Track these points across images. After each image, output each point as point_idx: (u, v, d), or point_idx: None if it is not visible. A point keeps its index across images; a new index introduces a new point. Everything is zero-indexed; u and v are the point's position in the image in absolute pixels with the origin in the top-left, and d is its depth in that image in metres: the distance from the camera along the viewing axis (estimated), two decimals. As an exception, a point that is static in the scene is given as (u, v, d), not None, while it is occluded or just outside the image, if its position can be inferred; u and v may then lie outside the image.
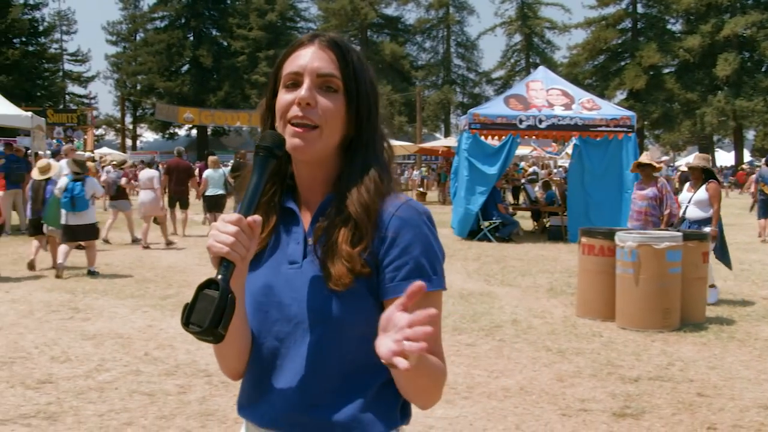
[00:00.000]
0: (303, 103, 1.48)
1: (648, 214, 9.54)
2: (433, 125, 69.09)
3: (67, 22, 76.62)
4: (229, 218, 1.40)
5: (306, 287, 1.50)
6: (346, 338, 1.49)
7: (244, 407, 1.60)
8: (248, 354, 1.57)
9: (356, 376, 1.51)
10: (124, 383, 5.66)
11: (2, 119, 17.50)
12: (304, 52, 1.53)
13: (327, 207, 1.54)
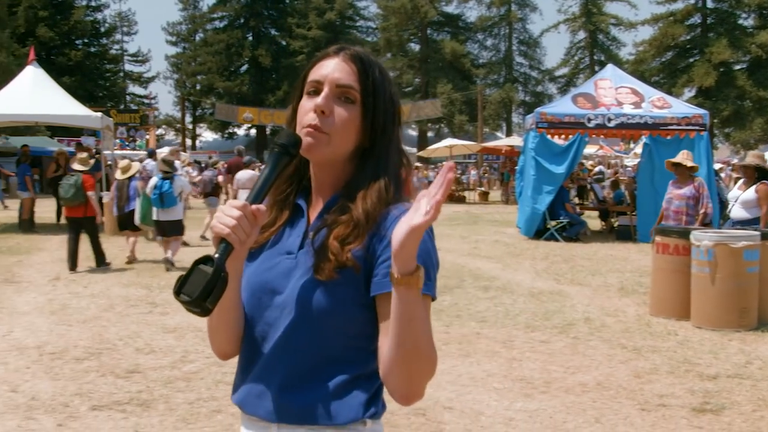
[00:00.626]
0: (318, 110, 1.59)
1: (685, 214, 9.52)
2: (495, 124, 68.80)
3: (127, 23, 78.31)
4: (234, 203, 1.51)
5: (295, 276, 1.61)
6: (322, 327, 1.57)
7: (234, 389, 1.70)
8: (239, 338, 1.67)
9: (327, 366, 1.58)
10: (209, 374, 5.94)
11: (74, 120, 18.12)
12: (327, 63, 1.66)
13: (332, 205, 1.65)
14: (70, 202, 11.33)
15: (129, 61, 78.68)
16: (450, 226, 19.54)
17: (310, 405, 1.58)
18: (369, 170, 1.65)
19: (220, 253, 1.48)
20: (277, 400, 1.59)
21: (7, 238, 16.00)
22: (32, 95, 17.45)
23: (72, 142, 43.51)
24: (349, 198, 1.62)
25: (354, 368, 1.59)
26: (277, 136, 1.62)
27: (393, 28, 68.61)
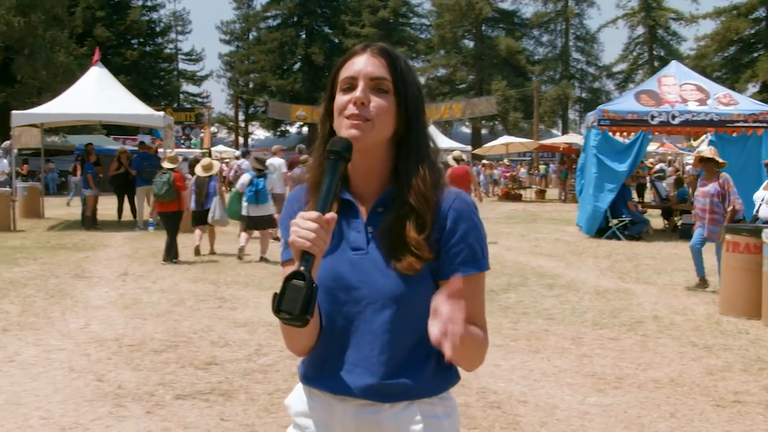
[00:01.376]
0: (358, 102, 1.72)
1: (711, 212, 9.43)
2: (550, 121, 68.44)
3: (181, 23, 79.62)
4: (309, 215, 1.61)
5: (373, 271, 1.74)
6: (414, 315, 1.73)
7: (313, 379, 1.84)
8: (317, 333, 1.79)
9: (422, 346, 1.73)
10: (284, 366, 6.15)
11: (138, 119, 18.63)
12: (358, 60, 1.78)
13: (386, 199, 1.79)
14: (163, 198, 12.11)
15: (183, 60, 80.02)
16: (508, 224, 19.60)
17: (417, 383, 1.76)
18: (413, 156, 1.79)
19: (306, 266, 1.58)
20: (388, 385, 1.75)
21: (71, 234, 16.51)
22: (97, 95, 18.00)
23: (128, 140, 44.45)
24: (403, 187, 1.77)
25: (425, 347, 1.72)
26: (330, 143, 1.72)
27: (447, 25, 68.61)
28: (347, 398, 1.79)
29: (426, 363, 1.78)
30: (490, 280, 10.47)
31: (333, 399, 1.81)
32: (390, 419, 1.78)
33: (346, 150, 1.70)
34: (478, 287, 1.81)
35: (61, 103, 18.54)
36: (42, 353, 6.56)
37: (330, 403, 1.82)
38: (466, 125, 72.52)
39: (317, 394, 1.85)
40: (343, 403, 1.80)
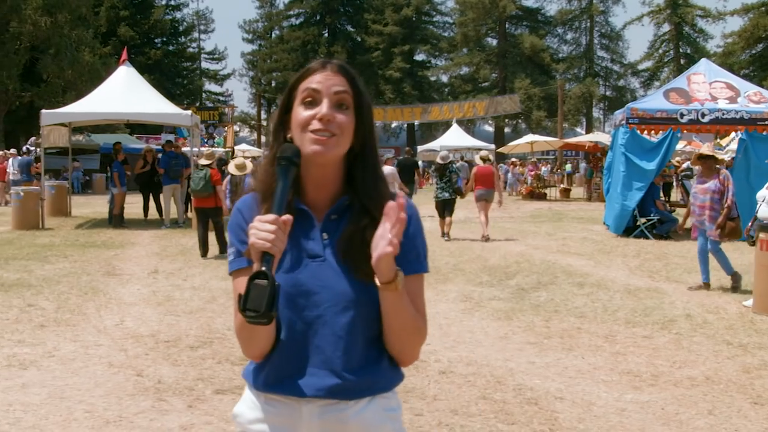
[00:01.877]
0: (325, 119, 1.79)
1: (711, 209, 9.41)
2: (574, 119, 68.18)
3: (204, 22, 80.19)
4: (266, 218, 1.68)
5: (332, 277, 1.82)
6: (370, 317, 1.83)
7: (275, 384, 1.88)
8: (274, 337, 1.84)
9: (376, 345, 1.87)
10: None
11: (166, 117, 18.78)
12: (318, 76, 1.84)
13: (340, 207, 1.87)
14: (199, 194, 12.50)
15: (206, 59, 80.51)
16: (535, 224, 19.60)
17: (376, 380, 1.87)
18: (370, 170, 1.88)
19: (267, 266, 1.65)
20: (349, 383, 1.84)
21: (99, 232, 16.70)
22: (125, 94, 18.17)
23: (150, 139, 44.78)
24: (364, 199, 1.85)
25: (379, 352, 1.89)
26: (280, 150, 1.80)
27: (470, 23, 68.57)
28: (313, 399, 1.85)
29: (381, 361, 1.88)
30: (520, 278, 10.56)
31: (297, 402, 1.86)
32: (355, 415, 1.86)
33: (295, 156, 1.79)
34: (421, 286, 1.90)
35: (89, 102, 18.74)
36: (80, 349, 6.68)
37: (293, 406, 1.88)
38: (489, 123, 72.42)
39: (277, 399, 1.89)
40: (309, 404, 1.86)
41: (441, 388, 5.57)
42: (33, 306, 8.48)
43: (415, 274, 1.86)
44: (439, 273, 10.97)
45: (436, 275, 10.69)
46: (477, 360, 6.37)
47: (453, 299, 9.06)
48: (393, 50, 72.27)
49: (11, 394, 5.39)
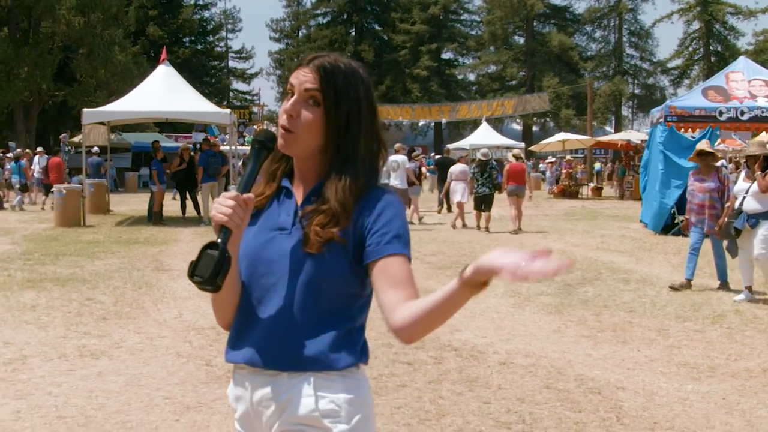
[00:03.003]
0: (286, 113, 1.90)
1: (711, 207, 9.30)
2: (603, 118, 67.89)
3: (232, 21, 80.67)
4: (228, 195, 1.82)
5: (290, 249, 1.91)
6: (316, 289, 1.88)
7: (232, 353, 1.97)
8: (236, 306, 1.96)
9: (327, 321, 1.90)
10: (382, 354, 6.41)
11: (206, 116, 19.10)
12: (299, 72, 1.93)
13: (318, 189, 1.95)
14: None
15: (233, 58, 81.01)
16: (570, 221, 19.68)
17: (315, 354, 1.89)
18: (337, 165, 1.94)
19: (222, 238, 1.78)
20: (285, 353, 1.89)
21: (140, 229, 16.99)
22: (165, 93, 18.48)
23: (180, 137, 45.28)
24: (327, 190, 1.93)
25: (346, 322, 1.93)
26: (255, 134, 1.94)
27: (498, 22, 68.47)
28: (258, 369, 1.92)
29: (328, 337, 1.90)
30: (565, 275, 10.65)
31: (249, 371, 1.94)
32: (285, 389, 1.90)
33: (269, 141, 1.92)
34: (406, 267, 1.90)
35: (129, 101, 19.08)
36: (145, 340, 6.91)
37: (246, 376, 1.96)
38: (516, 122, 72.31)
39: (239, 369, 1.98)
40: (255, 375, 1.94)
41: (504, 378, 5.74)
42: (91, 300, 8.74)
43: (397, 256, 1.88)
44: (483, 269, 11.12)
45: (480, 271, 10.88)
46: (534, 352, 6.53)
47: (501, 294, 9.20)
48: (420, 49, 72.31)
49: (90, 381, 5.62)
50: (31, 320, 7.67)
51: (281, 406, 1.91)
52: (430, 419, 4.82)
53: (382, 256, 1.87)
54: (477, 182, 17.02)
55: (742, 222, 8.65)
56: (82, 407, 5.03)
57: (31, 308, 8.25)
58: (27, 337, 6.93)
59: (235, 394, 2.02)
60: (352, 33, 78.07)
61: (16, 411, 4.93)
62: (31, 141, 41.23)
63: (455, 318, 6.06)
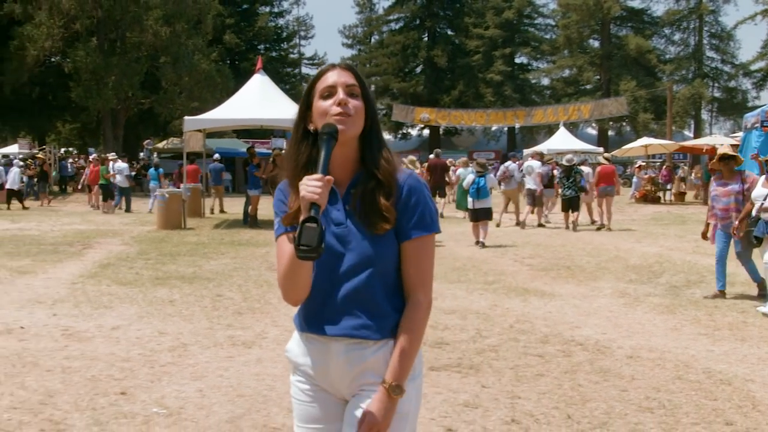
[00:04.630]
0: (342, 102, 2.25)
1: (735, 210, 9.26)
2: (682, 122, 66.93)
3: (305, 28, 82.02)
4: (314, 177, 2.10)
5: (354, 240, 2.25)
6: (385, 271, 2.28)
7: (311, 325, 2.34)
8: (309, 287, 2.27)
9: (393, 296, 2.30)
10: (510, 347, 6.87)
11: (285, 122, 19.70)
12: (331, 74, 2.31)
13: (356, 181, 2.30)
14: None
15: (306, 64, 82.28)
16: (660, 226, 19.84)
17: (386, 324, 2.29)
18: (376, 144, 2.33)
19: (315, 213, 2.06)
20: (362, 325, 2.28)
21: (238, 232, 17.77)
22: (260, 101, 19.25)
23: (256, 143, 46.30)
24: (371, 168, 2.29)
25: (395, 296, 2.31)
26: (322, 127, 2.20)
27: (573, 25, 68.07)
28: (339, 338, 2.29)
29: (395, 310, 2.30)
30: (668, 277, 10.99)
31: (328, 340, 2.30)
32: (372, 354, 2.28)
33: (335, 132, 2.21)
34: (426, 247, 2.31)
35: (227, 109, 19.93)
36: (286, 333, 7.46)
37: (324, 343, 2.32)
38: (592, 126, 71.84)
39: (314, 338, 2.34)
40: (336, 342, 2.30)
41: (634, 369, 6.14)
42: (221, 296, 9.38)
43: (421, 237, 2.29)
44: (585, 271, 11.52)
45: (583, 273, 11.32)
46: (657, 347, 6.91)
47: (609, 295, 9.58)
48: (494, 53, 72.40)
49: (252, 367, 6.21)
50: (174, 314, 8.33)
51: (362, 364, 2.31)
52: (575, 403, 5.26)
53: (407, 238, 2.29)
54: (563, 186, 18.68)
55: (762, 230, 8.68)
56: (255, 388, 5.60)
57: (170, 302, 8.94)
58: (177, 328, 7.58)
59: (308, 353, 2.39)
60: (425, 38, 78.46)
61: (198, 390, 5.54)
62: (119, 147, 42.74)
63: (572, 315, 6.64)
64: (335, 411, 2.40)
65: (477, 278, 10.96)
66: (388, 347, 2.28)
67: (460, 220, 20.90)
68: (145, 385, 5.63)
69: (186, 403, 5.23)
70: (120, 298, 9.21)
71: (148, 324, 7.77)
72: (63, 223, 20.51)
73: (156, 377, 5.84)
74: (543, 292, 9.81)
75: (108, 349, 6.69)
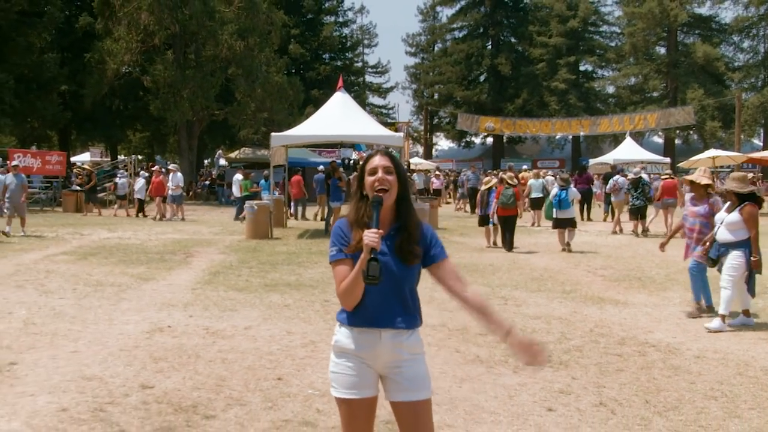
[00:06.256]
0: (382, 180, 3.44)
1: (699, 232, 10.00)
2: (751, 130, 66.80)
3: (368, 36, 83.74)
4: (373, 231, 3.25)
5: (393, 265, 3.39)
6: (411, 286, 3.48)
7: (363, 321, 3.44)
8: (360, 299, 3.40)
9: (415, 302, 3.51)
10: (592, 347, 8.06)
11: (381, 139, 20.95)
12: (375, 158, 3.51)
13: (395, 228, 3.49)
14: (508, 207, 17.44)
15: (369, 73, 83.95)
16: (727, 239, 20.73)
17: (414, 320, 3.53)
18: (408, 208, 3.56)
19: (375, 255, 3.22)
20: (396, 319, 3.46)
21: (323, 242, 19.15)
22: (341, 117, 20.69)
23: (323, 152, 47.87)
24: (405, 224, 3.51)
25: (416, 303, 3.54)
26: (372, 198, 3.41)
27: (639, 33, 68.38)
28: (387, 329, 3.45)
29: (417, 311, 3.54)
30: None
31: (378, 331, 3.44)
32: (407, 339, 3.48)
33: (381, 201, 3.42)
34: (450, 262, 3.56)
35: (311, 125, 21.47)
36: (394, 333, 8.76)
37: (375, 333, 3.45)
38: (659, 135, 72.05)
39: (366, 330, 3.45)
40: (385, 332, 3.45)
41: (701, 367, 7.30)
42: (328, 302, 10.71)
43: (446, 258, 3.53)
44: (655, 282, 12.64)
45: (654, 284, 12.46)
46: (721, 349, 8.04)
47: (678, 304, 10.70)
48: (558, 61, 73.18)
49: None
50: (293, 316, 9.69)
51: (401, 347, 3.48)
52: (651, 392, 6.45)
53: (434, 262, 3.53)
54: (632, 196, 21.35)
55: (716, 251, 9.36)
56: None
57: (285, 307, 10.31)
58: (301, 329, 8.92)
59: (358, 341, 3.48)
60: (488, 46, 79.57)
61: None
62: (193, 157, 44.80)
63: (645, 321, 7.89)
64: (371, 381, 3.52)
65: (555, 288, 12.14)
66: (416, 334, 3.53)
67: (531, 230, 22.19)
68: (294, 373, 6.97)
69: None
70: (240, 302, 10.61)
71: (274, 325, 9.13)
72: (156, 232, 22.16)
73: (300, 367, 7.18)
74: (617, 301, 10.95)
75: (250, 345, 8.06)
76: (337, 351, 3.55)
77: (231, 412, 5.82)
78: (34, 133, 48.54)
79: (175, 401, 6.05)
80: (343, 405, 3.51)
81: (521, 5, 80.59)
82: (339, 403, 3.52)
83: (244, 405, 5.99)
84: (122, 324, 9.07)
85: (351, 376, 3.48)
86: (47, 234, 20.91)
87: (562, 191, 17.40)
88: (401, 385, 3.47)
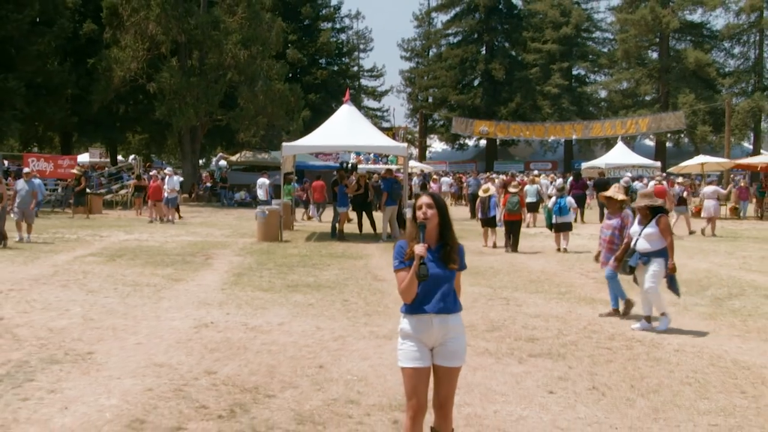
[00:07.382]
0: (423, 214, 4.84)
1: (610, 242, 11.13)
2: (741, 135, 68.17)
3: (364, 41, 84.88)
4: (421, 245, 4.70)
5: (437, 268, 4.76)
6: (450, 282, 4.84)
7: (421, 309, 4.76)
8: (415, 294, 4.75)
9: (455, 293, 4.90)
10: (585, 342, 9.26)
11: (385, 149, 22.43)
12: (424, 198, 4.92)
13: (439, 246, 4.87)
14: (514, 213, 19.38)
15: (365, 77, 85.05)
16: (712, 243, 21.95)
17: (456, 306, 4.91)
18: (447, 231, 4.92)
19: (424, 261, 4.66)
20: (443, 306, 4.80)
21: (330, 245, 20.36)
22: (349, 129, 21.91)
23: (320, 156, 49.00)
24: (447, 243, 4.88)
25: (455, 295, 4.91)
26: (419, 222, 4.84)
27: (632, 39, 69.74)
28: (437, 314, 4.77)
29: (457, 299, 4.90)
30: (714, 290, 13.26)
31: (431, 316, 4.74)
32: (453, 321, 4.81)
33: (425, 225, 4.82)
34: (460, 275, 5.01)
35: (318, 135, 22.69)
36: (411, 329, 9.93)
37: (429, 318, 4.77)
38: (650, 138, 73.41)
39: (422, 317, 4.77)
40: (436, 317, 4.76)
41: (680, 359, 8.51)
42: (348, 301, 11.88)
43: (462, 271, 4.95)
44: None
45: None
46: (698, 344, 9.25)
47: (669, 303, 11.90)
48: (551, 66, 74.46)
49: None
50: (318, 314, 10.85)
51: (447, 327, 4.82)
52: (636, 379, 7.65)
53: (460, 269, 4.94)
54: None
55: (635, 260, 10.19)
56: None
57: (310, 306, 11.47)
58: (328, 325, 10.09)
59: (417, 326, 4.80)
60: (482, 52, 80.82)
61: (370, 365, 8.02)
62: (196, 161, 45.91)
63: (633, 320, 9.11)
64: (426, 355, 4.82)
65: (551, 289, 13.34)
66: (459, 317, 4.86)
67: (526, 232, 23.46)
68: (331, 362, 8.16)
69: (366, 373, 7.74)
70: (269, 302, 11.77)
71: (303, 322, 10.30)
72: (171, 234, 23.28)
73: (335, 358, 8.36)
74: (607, 302, 12.12)
75: (287, 339, 9.24)
76: (402, 335, 4.90)
77: (287, 392, 7.01)
78: (37, 135, 49.64)
79: (238, 383, 7.24)
80: (408, 372, 4.81)
81: (515, 12, 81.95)
82: (404, 372, 4.83)
83: (296, 387, 7.18)
84: (169, 320, 10.24)
85: (413, 351, 4.83)
86: (68, 236, 22.02)
87: (561, 199, 19.42)
88: (445, 355, 4.85)
